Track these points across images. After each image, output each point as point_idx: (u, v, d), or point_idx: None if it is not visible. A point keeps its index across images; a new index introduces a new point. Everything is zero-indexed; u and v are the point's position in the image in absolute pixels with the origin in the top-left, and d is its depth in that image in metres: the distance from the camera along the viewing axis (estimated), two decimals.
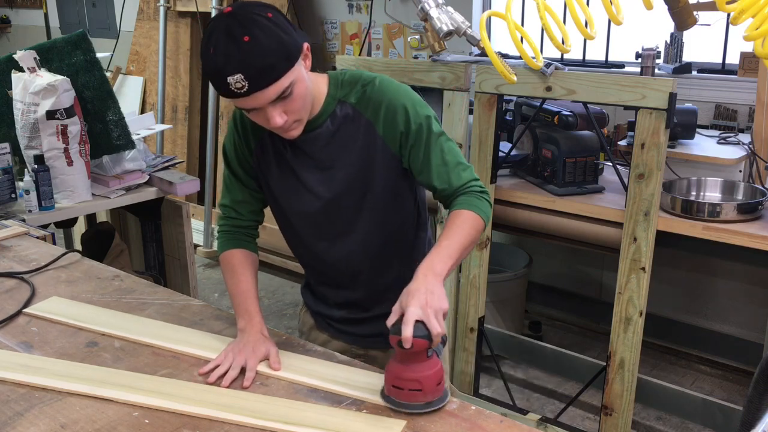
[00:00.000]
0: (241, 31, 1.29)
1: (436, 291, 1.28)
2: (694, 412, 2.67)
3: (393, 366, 1.27)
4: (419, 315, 1.23)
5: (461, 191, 1.50)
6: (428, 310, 1.23)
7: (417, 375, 1.24)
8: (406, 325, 1.21)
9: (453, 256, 1.37)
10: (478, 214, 1.46)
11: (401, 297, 1.28)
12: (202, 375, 1.39)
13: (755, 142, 2.70)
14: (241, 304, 1.53)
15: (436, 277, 1.31)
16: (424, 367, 1.25)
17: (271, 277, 4.38)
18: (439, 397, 1.27)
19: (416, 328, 1.21)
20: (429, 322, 1.22)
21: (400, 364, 1.26)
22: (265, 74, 1.31)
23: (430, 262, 1.34)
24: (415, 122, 1.49)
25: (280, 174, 1.57)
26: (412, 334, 1.21)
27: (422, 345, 1.22)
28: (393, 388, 1.27)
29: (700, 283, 3.32)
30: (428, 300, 1.25)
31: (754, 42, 1.68)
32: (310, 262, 1.71)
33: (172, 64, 4.92)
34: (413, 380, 1.24)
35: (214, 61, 1.31)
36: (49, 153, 2.49)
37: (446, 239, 1.40)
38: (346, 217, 1.56)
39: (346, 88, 1.52)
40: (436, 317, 1.24)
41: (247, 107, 1.38)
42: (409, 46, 3.03)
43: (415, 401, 1.25)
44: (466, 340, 2.86)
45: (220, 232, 1.65)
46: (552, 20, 2.04)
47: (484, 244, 2.76)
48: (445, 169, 1.50)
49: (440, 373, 1.27)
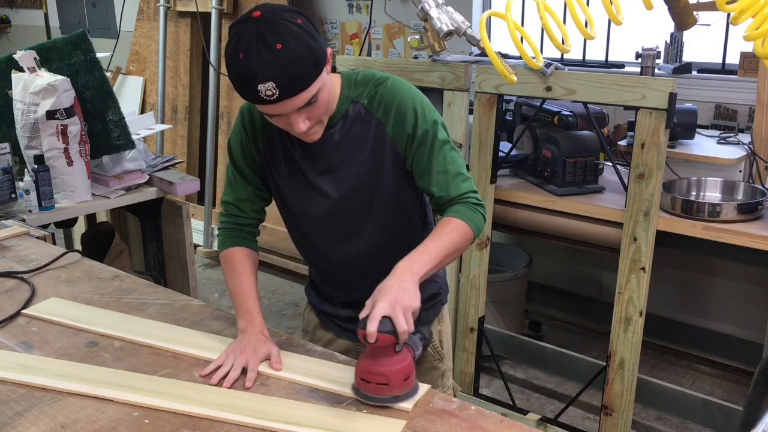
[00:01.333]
0: (273, 38, 1.27)
1: (408, 289, 1.29)
2: (694, 412, 2.67)
3: (362, 360, 1.30)
4: (387, 311, 1.25)
5: (457, 201, 1.51)
6: (397, 307, 1.25)
7: (384, 369, 1.27)
8: (372, 321, 1.24)
9: (434, 260, 1.38)
10: (469, 225, 1.47)
11: (374, 292, 1.30)
12: (203, 376, 1.39)
13: (755, 142, 2.70)
14: (242, 304, 1.53)
15: (412, 275, 1.32)
16: (391, 362, 1.28)
17: (271, 277, 4.38)
18: (407, 392, 1.30)
19: (383, 324, 1.24)
20: (396, 319, 1.24)
21: (369, 358, 1.29)
22: (296, 82, 1.31)
23: (410, 261, 1.36)
24: (423, 126, 1.49)
25: (288, 173, 1.57)
26: (378, 329, 1.23)
27: (388, 340, 1.24)
28: (361, 381, 1.30)
29: (700, 283, 3.32)
30: (398, 297, 1.27)
31: (754, 42, 1.68)
32: (316, 261, 1.71)
33: (172, 64, 4.92)
34: (380, 374, 1.27)
35: (244, 68, 1.29)
36: (49, 153, 2.49)
37: (432, 242, 1.42)
38: (354, 217, 1.56)
39: (359, 88, 1.52)
40: (405, 315, 1.25)
41: (273, 113, 1.37)
42: (409, 46, 3.03)
43: (382, 395, 1.28)
44: (466, 340, 2.86)
45: (221, 229, 1.65)
46: (552, 20, 2.04)
47: (484, 244, 2.76)
48: (445, 177, 1.50)
49: (408, 369, 1.29)
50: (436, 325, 1.77)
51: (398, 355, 1.28)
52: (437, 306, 1.77)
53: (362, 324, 1.25)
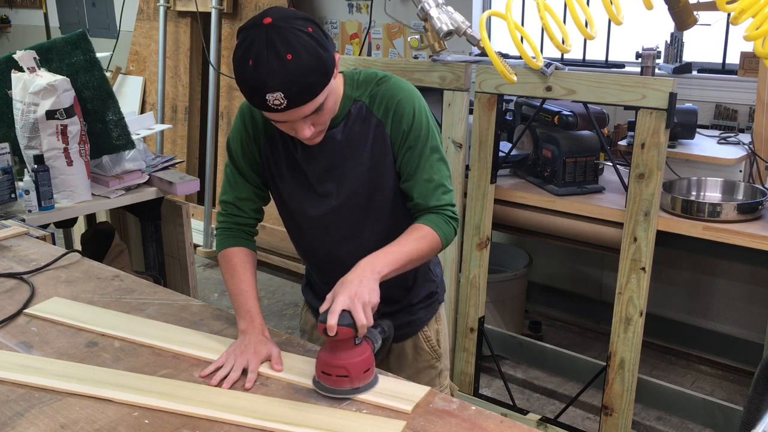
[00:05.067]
0: (284, 48, 1.27)
1: (368, 285, 1.31)
2: (694, 412, 2.67)
3: (323, 353, 1.33)
4: (347, 305, 1.27)
5: (434, 210, 1.52)
6: (356, 301, 1.27)
7: (344, 362, 1.30)
8: (332, 314, 1.26)
9: (398, 263, 1.40)
10: (439, 235, 1.49)
11: (335, 286, 1.32)
12: (203, 377, 1.39)
13: (755, 142, 2.70)
14: (242, 305, 1.53)
15: (373, 273, 1.34)
16: (351, 355, 1.30)
17: (271, 277, 4.37)
18: (366, 383, 1.32)
19: (343, 317, 1.26)
20: (355, 313, 1.27)
21: (328, 351, 1.31)
22: (305, 93, 1.31)
23: (373, 259, 1.38)
24: (417, 129, 1.50)
25: (290, 174, 1.57)
26: (338, 322, 1.25)
27: (347, 333, 1.27)
28: (322, 374, 1.32)
29: (700, 283, 3.32)
30: (358, 291, 1.29)
31: (754, 42, 1.68)
32: (314, 261, 1.71)
33: (172, 64, 4.92)
34: (340, 367, 1.30)
35: (253, 76, 1.29)
36: (49, 153, 2.49)
37: (399, 245, 1.43)
38: (354, 218, 1.57)
39: (361, 88, 1.52)
40: (364, 308, 1.27)
41: (279, 120, 1.37)
42: (409, 46, 3.03)
43: (342, 387, 1.31)
44: (466, 340, 2.86)
45: (219, 228, 1.64)
46: (552, 20, 2.04)
47: (484, 244, 2.76)
48: (428, 186, 1.52)
49: (368, 361, 1.32)
50: (433, 324, 1.77)
51: (358, 347, 1.31)
52: (434, 305, 1.77)
53: (323, 317, 1.28)
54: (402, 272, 1.44)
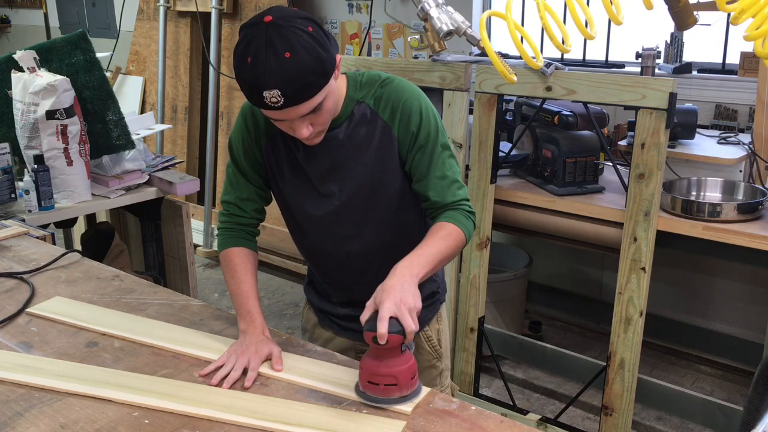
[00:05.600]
0: (282, 46, 1.27)
1: (411, 290, 1.30)
2: (694, 412, 2.67)
3: (368, 362, 1.30)
4: (394, 311, 1.25)
5: (451, 207, 1.52)
6: (402, 307, 1.26)
7: (392, 370, 1.28)
8: (382, 322, 1.24)
9: (431, 263, 1.40)
10: (462, 230, 1.49)
11: (376, 293, 1.30)
12: (203, 376, 1.39)
13: (755, 142, 2.69)
14: (242, 305, 1.53)
15: (412, 277, 1.33)
16: (398, 362, 1.28)
17: (271, 277, 4.37)
18: (413, 391, 1.30)
19: (391, 325, 1.24)
20: (403, 319, 1.25)
21: (375, 359, 1.29)
22: (302, 92, 1.31)
23: (409, 263, 1.37)
24: (426, 128, 1.50)
25: (291, 174, 1.57)
26: (387, 330, 1.23)
27: (397, 341, 1.25)
28: (369, 383, 1.30)
29: (700, 283, 3.32)
30: (403, 297, 1.27)
31: (754, 42, 1.68)
32: (316, 260, 1.71)
33: (172, 64, 4.92)
34: (389, 375, 1.28)
35: (252, 73, 1.29)
36: (49, 153, 2.49)
37: (429, 246, 1.43)
38: (356, 218, 1.57)
39: (365, 89, 1.52)
40: (410, 314, 1.26)
41: (276, 118, 1.38)
42: (409, 46, 3.03)
43: (391, 396, 1.28)
44: (466, 340, 2.86)
45: (221, 228, 1.64)
46: (552, 20, 2.04)
47: (484, 244, 2.76)
48: (442, 183, 1.51)
49: (414, 367, 1.30)
50: (434, 323, 1.77)
51: (404, 354, 1.29)
52: (435, 305, 1.77)
53: (370, 326, 1.25)
54: (435, 272, 1.43)
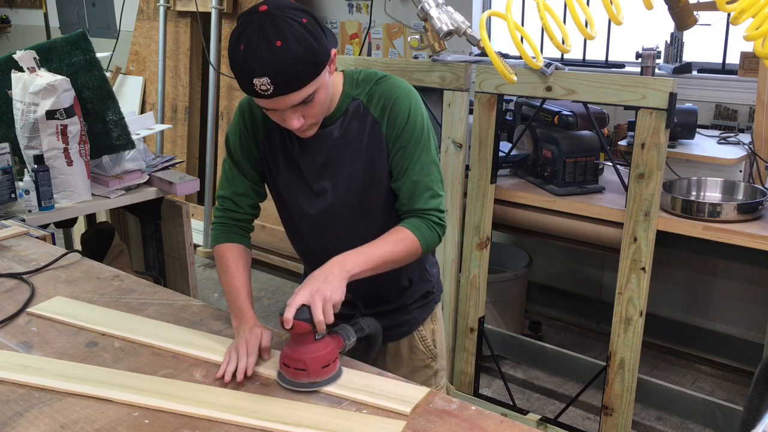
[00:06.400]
0: (274, 35, 1.28)
1: (333, 282, 1.32)
2: (694, 412, 2.67)
3: (285, 345, 1.35)
4: (307, 299, 1.28)
5: (419, 214, 1.52)
6: (316, 297, 1.29)
7: (302, 356, 1.32)
8: (289, 308, 1.28)
9: (370, 264, 1.40)
10: (419, 240, 1.48)
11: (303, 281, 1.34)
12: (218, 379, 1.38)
13: (755, 142, 2.69)
14: (234, 302, 1.54)
15: (341, 272, 1.35)
16: (310, 350, 1.32)
17: (270, 277, 4.37)
18: (325, 379, 1.34)
19: (300, 312, 1.28)
20: (313, 308, 1.28)
21: (290, 344, 1.33)
22: (292, 81, 1.32)
23: (345, 257, 1.39)
24: (412, 128, 1.50)
25: (286, 169, 1.57)
26: (296, 316, 1.27)
27: (304, 328, 1.29)
28: (283, 365, 1.34)
29: (700, 283, 3.32)
30: (320, 288, 1.30)
31: (754, 42, 1.68)
32: (310, 258, 1.71)
33: (172, 64, 4.92)
34: (298, 360, 1.32)
35: (243, 60, 1.31)
36: (49, 153, 2.49)
37: (374, 247, 1.44)
38: (349, 216, 1.57)
39: (360, 87, 1.53)
40: (324, 305, 1.28)
41: (267, 107, 1.39)
42: (409, 46, 3.03)
43: (300, 380, 1.33)
44: (466, 340, 2.86)
45: (216, 223, 1.64)
46: (552, 20, 2.04)
47: (484, 244, 2.76)
48: (415, 187, 1.51)
49: (328, 357, 1.34)
50: (428, 323, 1.77)
51: (318, 342, 1.33)
52: (430, 305, 1.77)
53: (282, 310, 1.30)
54: (375, 273, 1.43)
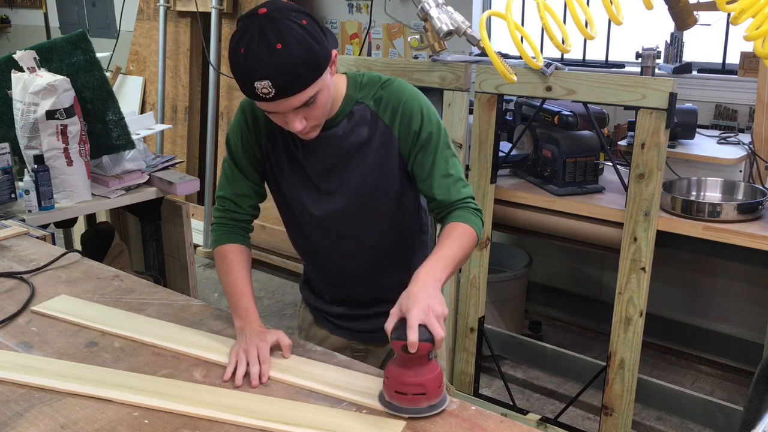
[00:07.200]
0: (275, 37, 1.28)
1: (436, 296, 1.28)
2: (694, 412, 2.67)
3: (394, 371, 1.26)
4: (422, 319, 1.22)
5: (458, 206, 1.52)
6: (431, 314, 1.23)
7: (420, 379, 1.24)
8: (412, 330, 1.20)
9: (450, 266, 1.39)
10: (474, 229, 1.48)
11: (401, 300, 1.27)
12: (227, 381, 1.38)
13: (755, 142, 2.69)
14: (238, 302, 1.53)
15: (435, 282, 1.31)
16: (426, 371, 1.25)
17: (271, 277, 4.37)
18: (440, 399, 1.27)
19: (420, 332, 1.21)
20: (432, 326, 1.22)
21: (402, 368, 1.25)
22: (293, 84, 1.31)
23: (430, 268, 1.35)
24: (428, 128, 1.50)
25: (290, 171, 1.57)
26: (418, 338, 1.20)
27: (426, 348, 1.21)
28: (396, 393, 1.26)
29: (700, 283, 3.32)
30: (430, 304, 1.24)
31: (754, 42, 1.68)
32: (313, 260, 1.71)
33: (172, 64, 4.92)
34: (417, 384, 1.24)
35: (244, 63, 1.30)
36: (49, 153, 2.49)
37: (445, 248, 1.42)
38: (354, 219, 1.57)
39: (365, 90, 1.52)
40: (438, 321, 1.23)
41: (269, 110, 1.38)
42: (409, 46, 3.03)
43: (419, 405, 1.25)
44: (466, 340, 2.86)
45: (216, 224, 1.63)
46: (552, 20, 2.04)
47: (484, 244, 2.76)
48: (447, 181, 1.51)
49: (441, 376, 1.27)
50: None
51: (431, 363, 1.26)
52: None
53: (398, 334, 1.22)
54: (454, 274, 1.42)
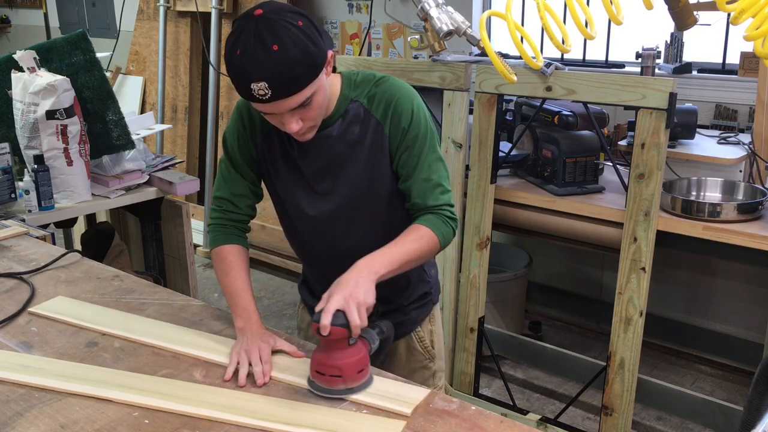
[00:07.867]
0: (271, 39, 1.28)
1: (364, 285, 1.32)
2: (694, 412, 2.67)
3: (317, 352, 1.33)
4: (341, 305, 1.27)
5: (432, 210, 1.52)
6: (351, 301, 1.28)
7: (337, 362, 1.30)
8: (326, 314, 1.26)
9: (395, 263, 1.40)
10: (437, 235, 1.49)
11: (332, 286, 1.32)
12: (228, 381, 1.38)
13: (755, 142, 2.69)
14: (238, 303, 1.53)
15: (370, 274, 1.35)
16: (344, 355, 1.30)
17: (271, 277, 4.37)
18: (360, 384, 1.32)
19: (336, 317, 1.26)
20: (349, 313, 1.27)
21: (323, 351, 1.31)
22: (290, 85, 1.31)
23: (372, 260, 1.38)
24: (416, 128, 1.50)
25: (286, 171, 1.57)
26: (331, 322, 1.26)
27: (341, 333, 1.27)
28: (316, 373, 1.32)
29: (700, 283, 3.32)
30: (353, 292, 1.29)
31: (754, 42, 1.68)
32: (309, 259, 1.71)
33: (172, 64, 4.92)
34: (334, 367, 1.30)
35: (240, 65, 1.30)
36: (49, 153, 2.49)
37: (397, 246, 1.43)
38: (349, 218, 1.57)
39: (359, 88, 1.52)
40: (358, 309, 1.28)
41: (266, 111, 1.38)
42: (409, 46, 3.03)
43: (335, 387, 1.31)
44: (466, 340, 2.86)
45: (213, 224, 1.64)
46: (552, 20, 2.04)
47: (484, 244, 2.76)
48: (426, 185, 1.52)
49: (362, 361, 1.32)
50: (426, 324, 1.78)
51: (352, 348, 1.31)
52: (428, 305, 1.77)
53: (317, 317, 1.28)
54: (400, 273, 1.44)
